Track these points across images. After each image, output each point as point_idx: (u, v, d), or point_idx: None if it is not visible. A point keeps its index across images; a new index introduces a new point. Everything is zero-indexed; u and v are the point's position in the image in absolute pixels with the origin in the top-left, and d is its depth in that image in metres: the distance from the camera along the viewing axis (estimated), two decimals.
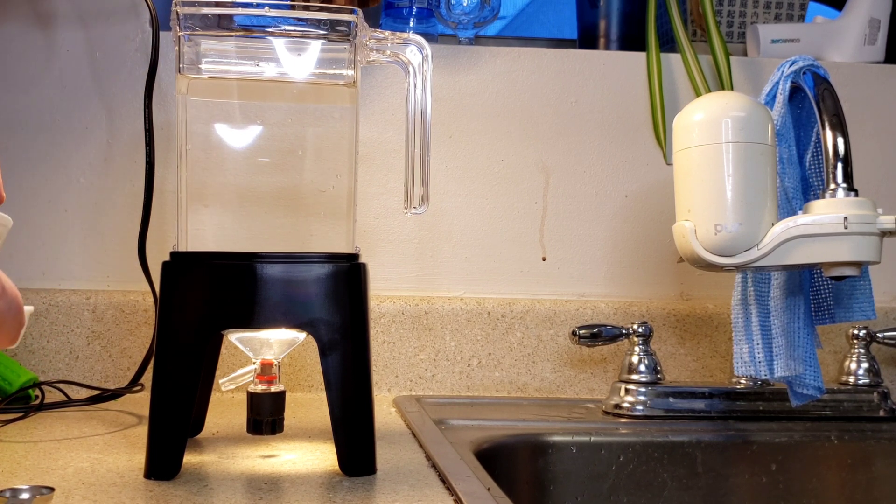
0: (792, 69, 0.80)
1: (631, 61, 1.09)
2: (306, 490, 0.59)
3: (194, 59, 0.66)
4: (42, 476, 0.61)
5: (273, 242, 0.69)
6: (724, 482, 0.87)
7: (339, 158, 0.68)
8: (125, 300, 0.98)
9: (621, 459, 0.86)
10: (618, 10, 1.14)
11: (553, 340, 1.03)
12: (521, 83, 1.07)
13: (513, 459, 0.83)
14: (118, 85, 1.02)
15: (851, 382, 0.95)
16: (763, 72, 1.10)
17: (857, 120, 1.10)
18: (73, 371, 0.97)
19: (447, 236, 1.06)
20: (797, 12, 1.18)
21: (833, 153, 0.74)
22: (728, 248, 0.74)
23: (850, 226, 0.71)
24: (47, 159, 1.01)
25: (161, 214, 0.99)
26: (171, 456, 0.61)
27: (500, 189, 1.06)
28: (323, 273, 0.62)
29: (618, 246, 1.08)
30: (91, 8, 1.02)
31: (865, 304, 0.83)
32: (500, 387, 1.02)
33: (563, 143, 1.08)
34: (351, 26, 0.66)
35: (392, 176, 1.05)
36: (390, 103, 1.05)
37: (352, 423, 0.62)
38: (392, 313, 1.01)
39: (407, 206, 0.70)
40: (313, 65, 0.67)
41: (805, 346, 0.81)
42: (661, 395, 0.91)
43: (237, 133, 0.68)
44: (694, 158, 0.75)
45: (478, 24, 1.12)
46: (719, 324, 1.05)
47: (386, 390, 1.00)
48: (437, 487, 0.60)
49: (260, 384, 0.66)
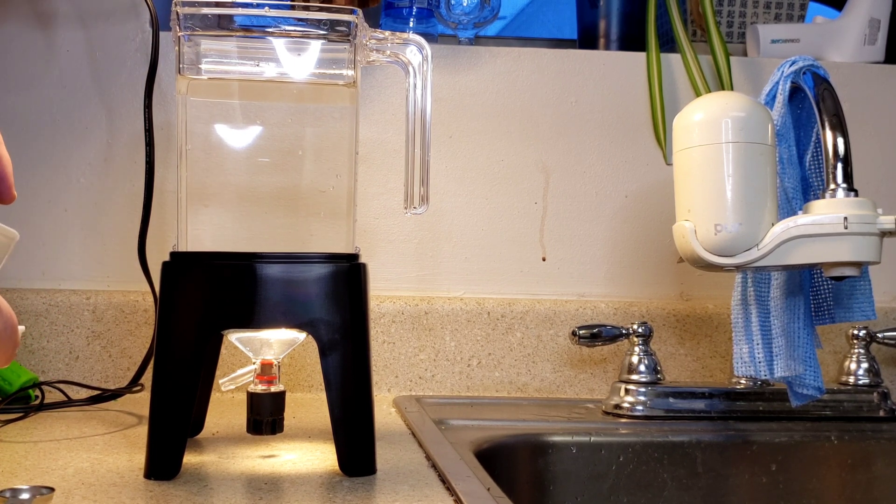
0: (792, 69, 0.80)
1: (631, 61, 1.09)
2: (306, 490, 0.59)
3: (194, 60, 0.66)
4: (42, 476, 0.61)
5: (273, 242, 0.69)
6: (724, 482, 0.87)
7: (339, 158, 0.68)
8: (125, 300, 0.98)
9: (621, 459, 0.86)
10: (618, 10, 1.14)
11: (553, 340, 1.03)
12: (521, 83, 1.07)
13: (513, 459, 0.83)
14: (118, 85, 1.02)
15: (851, 382, 0.95)
16: (763, 72, 1.10)
17: (857, 120, 1.10)
18: (73, 371, 0.97)
19: (447, 236, 1.06)
20: (797, 12, 1.18)
21: (833, 153, 0.74)
22: (728, 248, 0.74)
23: (850, 226, 0.71)
24: (47, 159, 1.01)
25: (161, 214, 0.99)
26: (171, 456, 0.61)
27: (500, 189, 1.06)
28: (323, 273, 0.62)
29: (618, 246, 1.08)
30: (91, 8, 1.02)
31: (865, 304, 0.83)
32: (500, 387, 1.02)
33: (563, 143, 1.08)
34: (351, 26, 0.66)
35: (392, 176, 1.05)
36: (390, 103, 1.05)
37: (352, 423, 0.62)
38: (392, 313, 1.01)
39: (407, 207, 0.70)
40: (313, 65, 0.67)
41: (805, 346, 0.81)
42: (661, 395, 0.91)
43: (237, 133, 0.68)
44: (694, 158, 0.75)
45: (478, 24, 1.12)
46: (719, 324, 1.05)
47: (386, 390, 1.00)
48: (437, 487, 0.60)
49: (260, 384, 0.66)
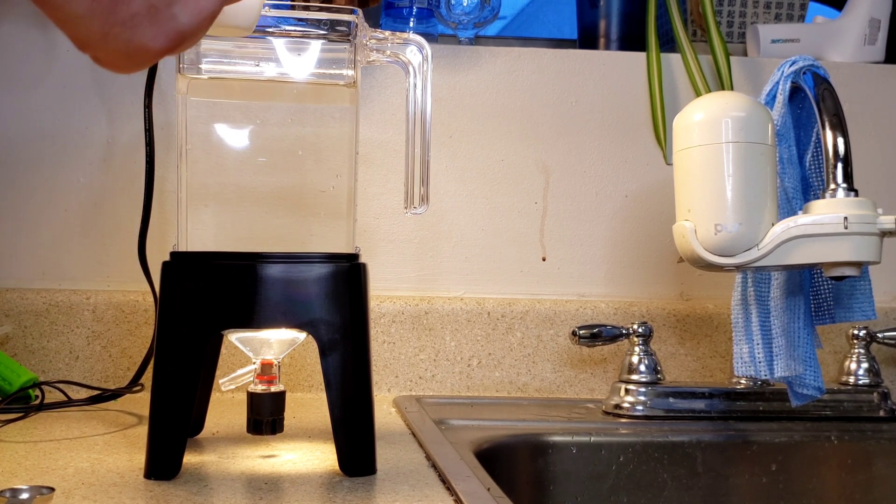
0: (792, 69, 0.80)
1: (631, 61, 1.09)
2: (306, 490, 0.59)
3: (194, 59, 0.66)
4: (42, 476, 0.61)
5: (273, 242, 0.69)
6: (724, 482, 0.87)
7: (339, 158, 0.68)
8: (125, 300, 0.98)
9: (621, 459, 0.86)
10: (618, 10, 1.14)
11: (553, 340, 1.03)
12: (521, 83, 1.07)
13: (513, 459, 0.83)
14: (118, 85, 1.02)
15: (851, 382, 0.95)
16: (763, 72, 1.10)
17: (857, 120, 1.10)
18: (73, 371, 0.97)
19: (447, 236, 1.06)
20: (797, 12, 1.18)
21: (833, 153, 0.74)
22: (728, 248, 0.74)
23: (850, 226, 0.71)
24: (47, 159, 1.01)
25: (161, 214, 0.99)
26: (171, 456, 0.61)
27: (500, 189, 1.06)
28: (323, 273, 0.62)
29: (618, 246, 1.08)
30: None
31: (865, 304, 0.83)
32: (500, 387, 1.02)
33: (563, 143, 1.08)
34: (351, 26, 0.66)
35: (392, 176, 1.05)
36: (390, 103, 1.05)
37: (352, 423, 0.62)
38: (392, 313, 1.01)
39: (407, 206, 0.70)
40: (313, 65, 0.67)
41: (805, 346, 0.81)
42: (661, 395, 0.91)
43: (237, 133, 0.68)
44: (694, 158, 0.75)
45: (478, 24, 1.12)
46: (719, 324, 1.05)
47: (386, 390, 1.00)
48: (437, 487, 0.60)
49: (260, 384, 0.66)
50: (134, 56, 0.36)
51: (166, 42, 0.36)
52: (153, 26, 0.36)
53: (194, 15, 0.37)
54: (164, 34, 0.36)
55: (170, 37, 0.36)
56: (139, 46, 0.36)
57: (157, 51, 0.37)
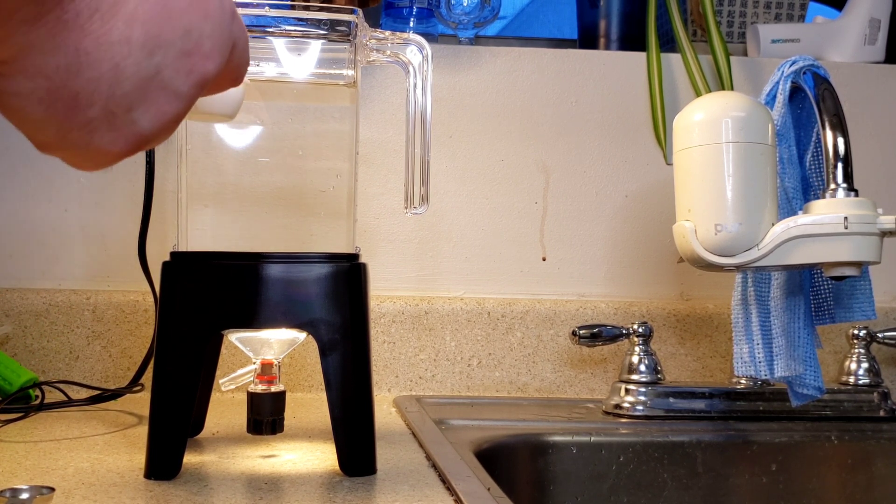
0: (792, 69, 0.80)
1: (631, 61, 1.09)
2: (306, 490, 0.59)
3: None
4: (42, 476, 0.61)
5: (273, 242, 0.69)
6: (724, 482, 0.87)
7: (339, 158, 0.68)
8: (125, 300, 0.98)
9: (621, 459, 0.86)
10: (618, 10, 1.14)
11: (553, 340, 1.03)
12: (522, 83, 1.07)
13: (513, 459, 0.83)
14: None
15: (851, 382, 0.95)
16: (763, 72, 1.10)
17: (857, 120, 1.10)
18: (73, 371, 0.97)
19: (447, 236, 1.06)
20: (797, 12, 1.18)
21: (833, 153, 0.75)
22: (728, 248, 0.74)
23: (850, 226, 0.71)
24: (47, 159, 1.01)
25: (161, 214, 0.99)
26: (171, 456, 0.61)
27: (500, 189, 1.06)
28: (323, 273, 0.62)
29: (618, 246, 1.08)
30: None
31: (865, 304, 0.83)
32: (500, 387, 1.02)
33: (563, 143, 1.08)
34: (351, 26, 0.66)
35: (392, 176, 1.05)
36: (390, 103, 1.05)
37: (352, 423, 0.62)
38: (392, 313, 1.01)
39: (407, 206, 0.70)
40: (313, 65, 0.67)
41: (805, 346, 0.81)
42: (662, 395, 0.91)
43: (237, 133, 0.68)
44: (694, 158, 0.75)
45: (478, 24, 1.12)
46: (719, 324, 1.05)
47: (386, 390, 1.00)
48: (437, 487, 0.60)
49: (260, 384, 0.66)
50: (94, 158, 0.35)
51: (125, 146, 0.35)
52: (111, 131, 0.34)
53: (156, 120, 0.35)
54: (124, 138, 0.35)
55: (129, 141, 0.35)
56: (98, 150, 0.35)
57: (117, 153, 0.35)
